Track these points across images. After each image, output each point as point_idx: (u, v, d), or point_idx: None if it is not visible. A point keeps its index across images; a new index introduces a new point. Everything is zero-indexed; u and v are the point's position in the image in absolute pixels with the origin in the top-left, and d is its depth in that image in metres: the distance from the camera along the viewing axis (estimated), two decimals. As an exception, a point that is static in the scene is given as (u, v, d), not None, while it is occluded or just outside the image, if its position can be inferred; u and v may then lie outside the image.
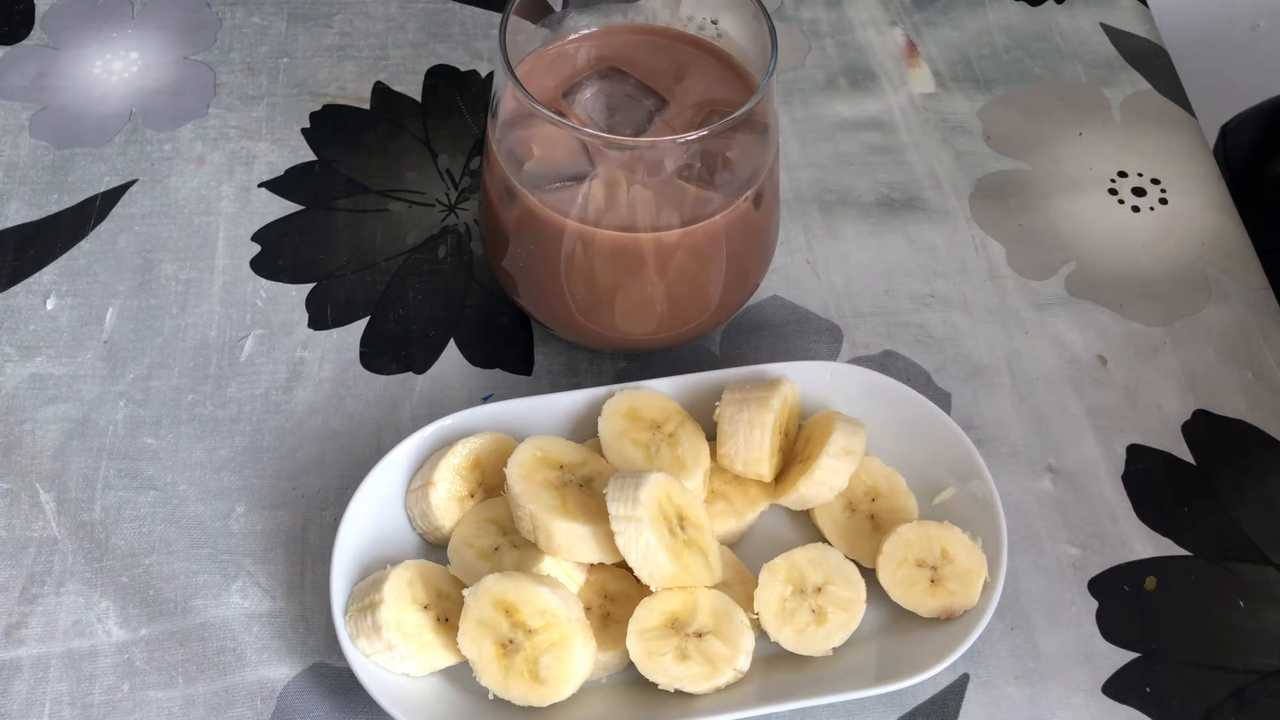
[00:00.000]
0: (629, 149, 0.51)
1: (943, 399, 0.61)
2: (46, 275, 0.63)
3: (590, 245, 0.53)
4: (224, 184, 0.68)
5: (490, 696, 0.48)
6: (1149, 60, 0.76)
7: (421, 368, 0.61)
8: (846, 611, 0.51)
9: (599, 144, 0.51)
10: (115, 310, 0.62)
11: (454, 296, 0.64)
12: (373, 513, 0.53)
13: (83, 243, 0.65)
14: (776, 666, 0.51)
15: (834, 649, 0.51)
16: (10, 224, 0.65)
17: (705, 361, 0.62)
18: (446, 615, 0.50)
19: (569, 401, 0.55)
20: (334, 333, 0.62)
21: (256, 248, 0.65)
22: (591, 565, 0.52)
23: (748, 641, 0.49)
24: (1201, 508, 0.58)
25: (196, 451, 0.57)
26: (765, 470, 0.53)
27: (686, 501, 0.50)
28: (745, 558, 0.54)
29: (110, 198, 0.66)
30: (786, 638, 0.50)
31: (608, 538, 0.49)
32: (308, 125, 0.71)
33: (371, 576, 0.50)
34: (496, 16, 0.76)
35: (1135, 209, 0.69)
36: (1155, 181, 0.71)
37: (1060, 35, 0.78)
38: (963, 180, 0.70)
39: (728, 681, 0.49)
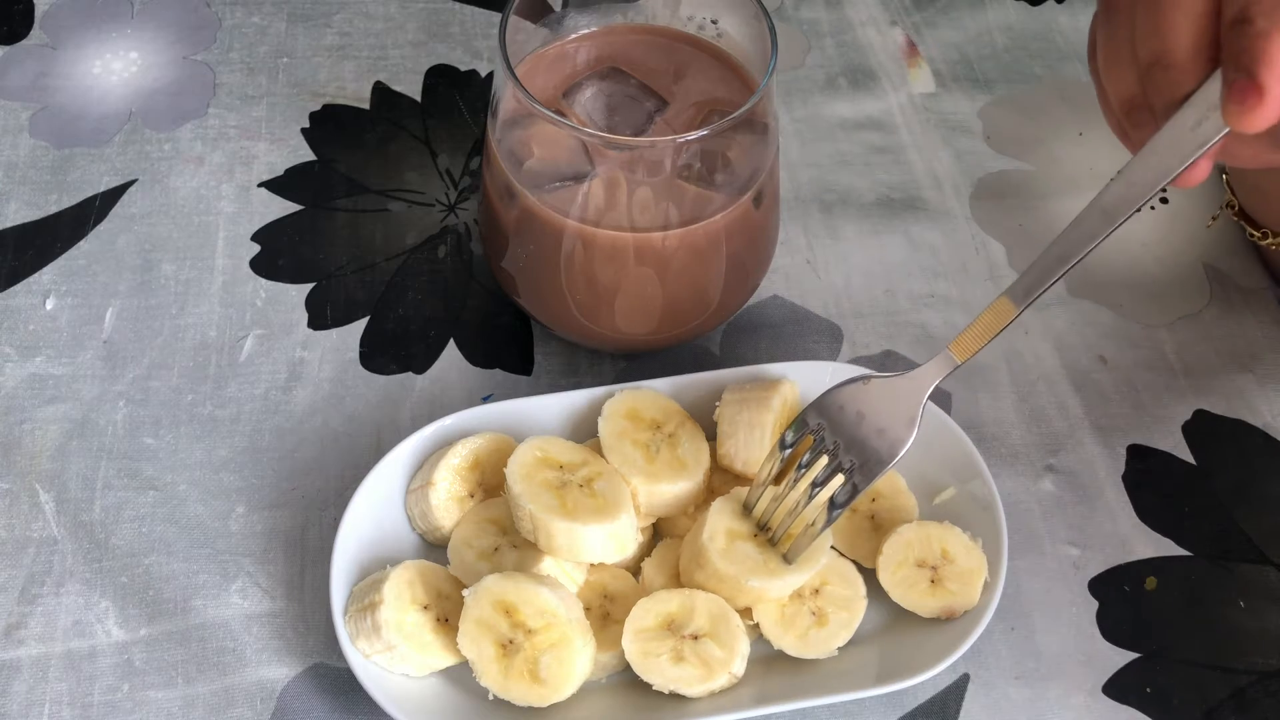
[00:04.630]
0: (629, 149, 0.51)
1: (943, 399, 0.61)
2: (46, 275, 0.63)
3: (590, 245, 0.53)
4: (224, 184, 0.68)
5: (490, 697, 0.48)
6: (1149, 60, 0.76)
7: (421, 368, 0.61)
8: (847, 610, 0.51)
9: (599, 144, 0.51)
10: (115, 310, 0.62)
11: (454, 296, 0.64)
12: (372, 513, 0.52)
13: (82, 243, 0.64)
14: (776, 667, 0.51)
15: (835, 650, 0.51)
16: (10, 224, 0.65)
17: (705, 361, 0.62)
18: (446, 615, 0.50)
19: (569, 401, 0.55)
20: (334, 333, 0.62)
21: (256, 247, 0.65)
22: (591, 565, 0.52)
23: (743, 645, 0.49)
24: (1201, 508, 0.58)
25: (196, 452, 0.57)
26: (765, 470, 0.53)
27: None
28: (745, 558, 0.54)
29: (110, 197, 0.66)
30: (790, 644, 0.50)
31: (608, 538, 0.49)
32: (307, 125, 0.71)
33: (371, 577, 0.50)
34: (496, 16, 0.76)
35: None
36: (1155, 181, 0.70)
37: (1060, 35, 0.78)
38: (963, 180, 0.70)
39: (723, 685, 0.49)
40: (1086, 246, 0.46)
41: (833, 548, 0.53)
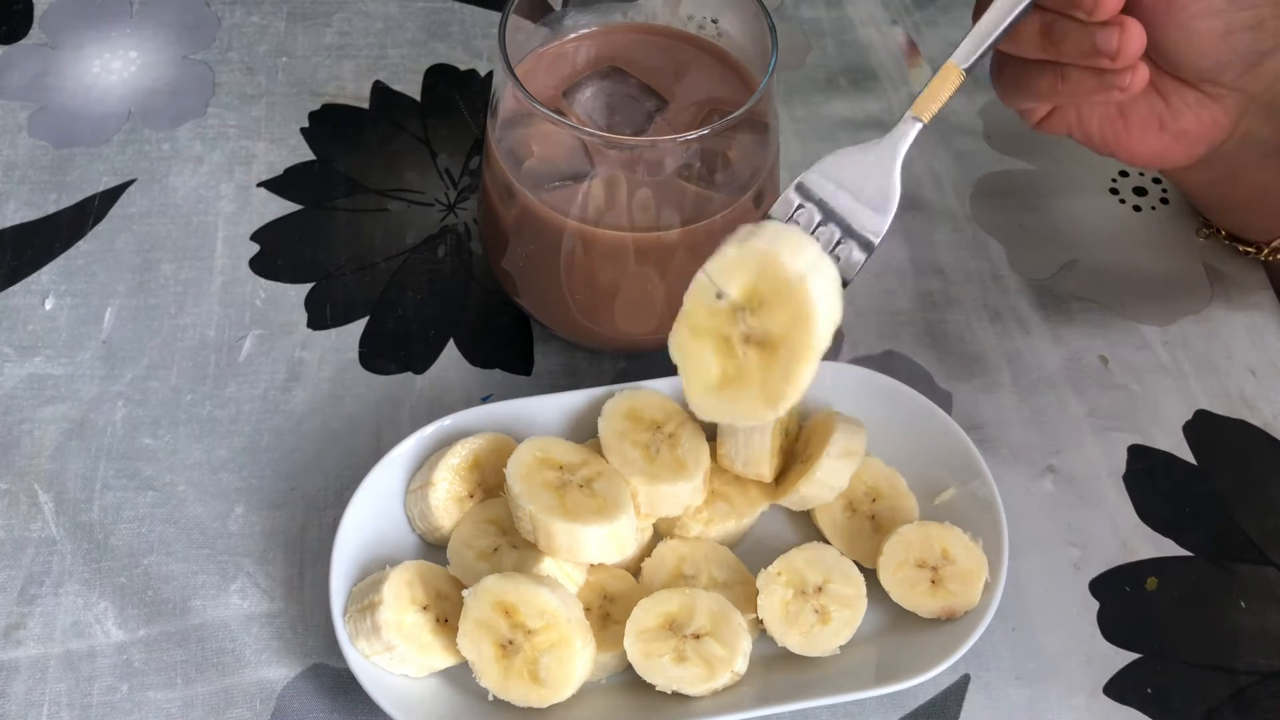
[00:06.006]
0: (629, 148, 0.51)
1: (943, 399, 0.61)
2: (45, 275, 0.63)
3: (590, 245, 0.53)
4: (223, 183, 0.67)
5: (490, 697, 0.48)
6: (1150, 59, 0.76)
7: (421, 368, 0.61)
8: (849, 608, 0.51)
9: (599, 143, 0.51)
10: (114, 310, 0.62)
11: (453, 296, 0.64)
12: (372, 513, 0.52)
13: (81, 242, 0.64)
14: (777, 667, 0.51)
15: (838, 648, 0.50)
16: (9, 223, 0.65)
17: (705, 361, 0.62)
18: (446, 616, 0.50)
19: (569, 401, 0.55)
20: (333, 333, 0.62)
21: (255, 247, 0.65)
22: (591, 566, 0.52)
23: (745, 643, 0.49)
24: (1202, 508, 0.58)
25: (195, 452, 0.57)
26: (765, 471, 0.53)
27: None
28: (745, 558, 0.53)
29: (109, 197, 0.66)
30: (794, 641, 0.50)
31: (608, 538, 0.49)
32: (307, 124, 0.70)
33: (371, 577, 0.50)
34: (496, 15, 0.76)
35: (1136, 208, 0.69)
36: (1156, 181, 0.70)
37: (1061, 34, 0.78)
38: (963, 180, 0.70)
39: (725, 684, 0.49)
40: (1016, 9, 0.48)
41: (827, 545, 0.53)
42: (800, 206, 0.48)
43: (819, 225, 0.47)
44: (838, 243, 0.47)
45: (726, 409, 0.45)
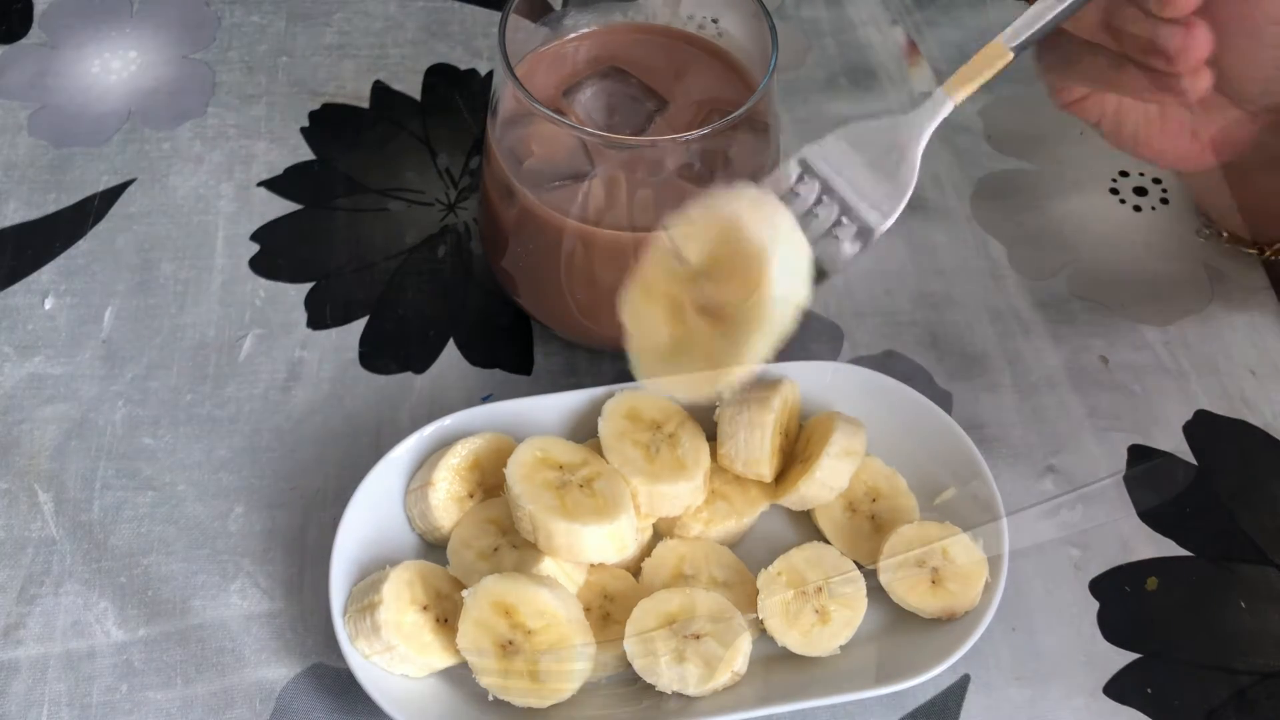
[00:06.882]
0: (629, 148, 0.51)
1: (944, 399, 0.61)
2: (45, 274, 0.63)
3: (590, 245, 0.53)
4: (223, 183, 0.67)
5: (490, 697, 0.48)
6: (1150, 59, 0.76)
7: (421, 368, 0.61)
8: (850, 608, 0.51)
9: (599, 143, 0.51)
10: (114, 310, 0.62)
11: (453, 296, 0.64)
12: (372, 513, 0.52)
13: (81, 242, 0.64)
14: (776, 667, 0.51)
15: (838, 649, 0.50)
16: (8, 223, 0.65)
17: (705, 361, 0.62)
18: (446, 616, 0.50)
19: (569, 401, 0.55)
20: (333, 332, 0.62)
21: (255, 247, 0.65)
22: (591, 566, 0.52)
23: (745, 643, 0.49)
24: (1202, 508, 0.58)
25: (195, 451, 0.57)
26: (766, 471, 0.53)
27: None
28: (745, 558, 0.53)
29: (109, 197, 0.66)
30: (794, 641, 0.50)
31: (608, 538, 0.49)
32: (307, 124, 0.70)
33: (370, 577, 0.50)
34: (496, 15, 0.76)
35: (1137, 208, 0.69)
36: (1157, 181, 0.70)
37: (1061, 34, 0.78)
38: (964, 180, 0.70)
39: (725, 684, 0.49)
40: None
41: (827, 545, 0.53)
42: (801, 179, 0.43)
43: (817, 204, 0.43)
44: (835, 224, 0.43)
45: (669, 379, 0.42)
